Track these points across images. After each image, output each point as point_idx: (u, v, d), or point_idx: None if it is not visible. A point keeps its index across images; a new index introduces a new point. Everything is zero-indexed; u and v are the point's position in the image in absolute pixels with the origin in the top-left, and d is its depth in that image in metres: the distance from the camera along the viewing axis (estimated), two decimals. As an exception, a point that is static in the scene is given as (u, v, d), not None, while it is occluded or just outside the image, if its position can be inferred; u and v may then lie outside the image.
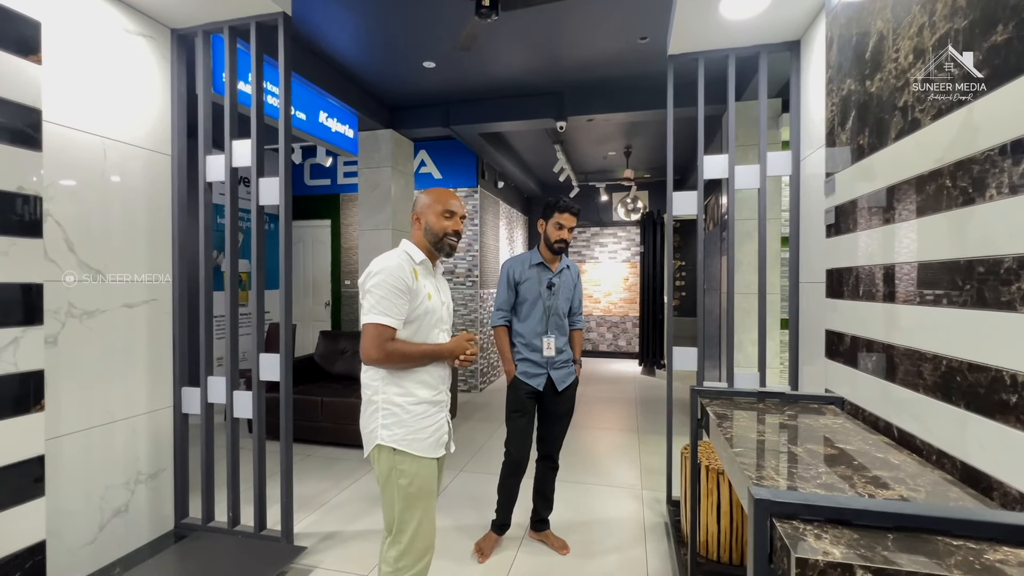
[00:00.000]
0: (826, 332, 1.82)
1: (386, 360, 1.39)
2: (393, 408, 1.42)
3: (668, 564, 2.18)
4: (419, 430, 1.44)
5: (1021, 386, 0.91)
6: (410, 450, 1.41)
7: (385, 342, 1.38)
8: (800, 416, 1.55)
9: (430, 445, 1.46)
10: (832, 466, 1.12)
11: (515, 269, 2.26)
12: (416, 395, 1.45)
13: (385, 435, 1.41)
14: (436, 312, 1.51)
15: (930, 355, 1.18)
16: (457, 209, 1.54)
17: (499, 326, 2.28)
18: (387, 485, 1.43)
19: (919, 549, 0.77)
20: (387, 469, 1.42)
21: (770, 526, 0.87)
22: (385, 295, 1.39)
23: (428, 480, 1.45)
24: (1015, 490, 0.92)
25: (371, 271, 1.43)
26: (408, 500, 1.41)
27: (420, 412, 1.45)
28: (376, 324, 1.38)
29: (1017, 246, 0.92)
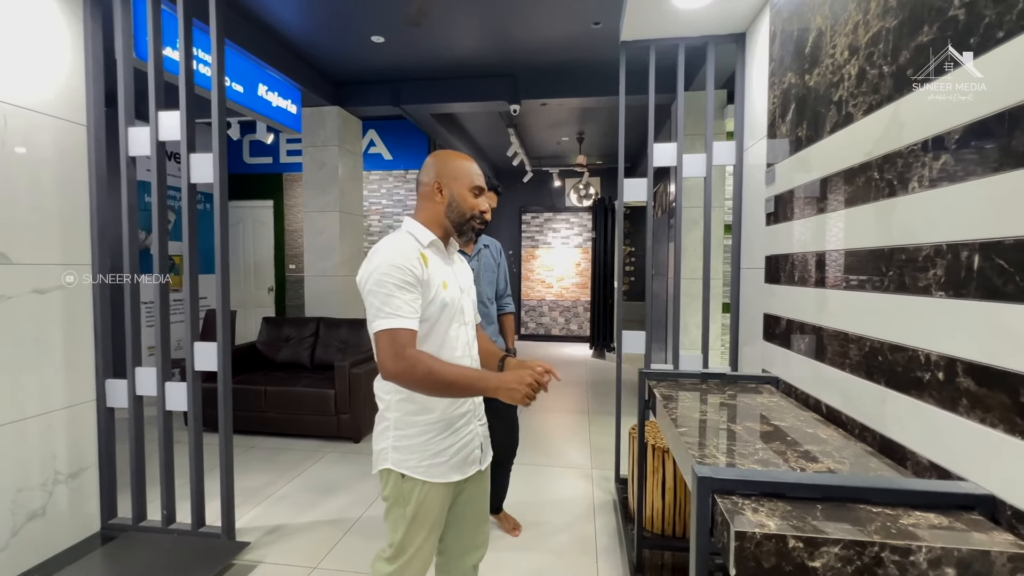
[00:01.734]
0: (764, 316, 1.91)
1: (409, 375, 1.10)
2: (408, 430, 1.22)
3: (616, 540, 2.26)
4: (438, 453, 1.23)
5: (934, 365, 0.98)
6: (424, 477, 1.21)
7: (404, 349, 1.10)
8: (739, 395, 1.63)
9: (450, 468, 1.24)
10: (768, 442, 1.18)
11: None
12: (435, 410, 1.22)
13: (396, 459, 1.22)
14: (455, 304, 1.25)
15: (855, 337, 1.26)
16: (485, 186, 1.31)
17: None
18: (392, 508, 1.25)
19: (843, 517, 0.83)
20: (393, 494, 1.24)
21: (711, 502, 0.90)
22: (391, 292, 1.12)
23: (438, 508, 1.25)
24: (925, 459, 1.01)
25: (370, 266, 1.17)
26: (412, 527, 1.23)
27: (439, 431, 1.23)
28: (388, 331, 1.11)
29: (934, 235, 0.99)
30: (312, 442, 3.49)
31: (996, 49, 0.85)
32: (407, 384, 1.12)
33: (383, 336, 1.11)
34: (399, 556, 1.25)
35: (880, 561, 0.76)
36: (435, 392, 1.14)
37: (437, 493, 1.24)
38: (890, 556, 0.76)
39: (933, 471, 0.98)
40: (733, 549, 0.79)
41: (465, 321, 1.30)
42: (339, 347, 4.00)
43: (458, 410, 1.26)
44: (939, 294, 0.97)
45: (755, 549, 0.78)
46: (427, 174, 1.27)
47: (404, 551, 1.25)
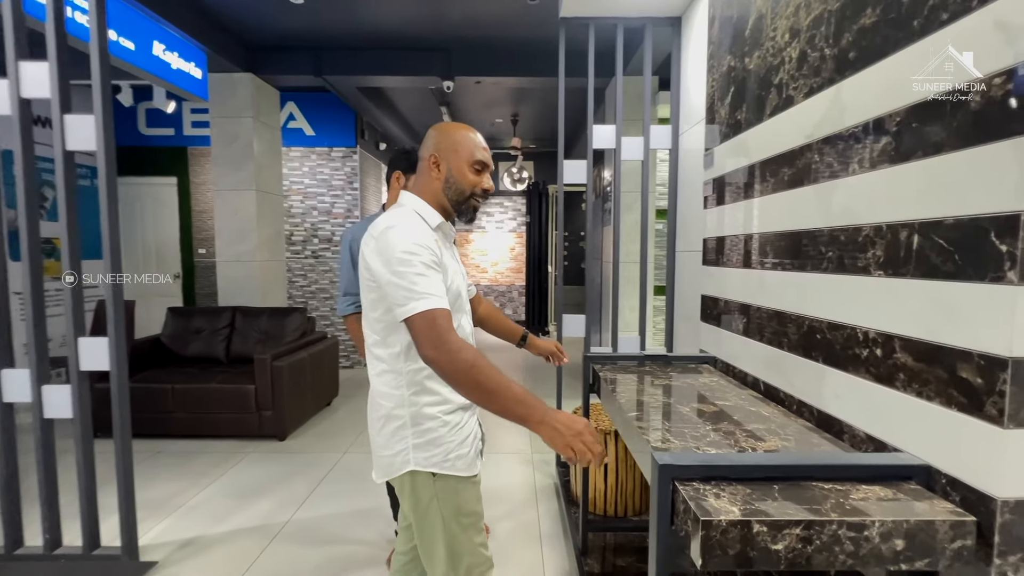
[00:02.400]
0: (702, 297, 1.96)
1: (451, 363, 0.98)
2: (428, 423, 1.11)
3: (559, 525, 2.26)
4: (460, 444, 1.13)
5: (872, 341, 1.02)
6: (454, 472, 1.12)
7: (447, 333, 0.99)
8: (681, 376, 1.65)
9: (472, 459, 1.16)
10: (716, 423, 1.18)
11: (359, 240, 1.75)
12: (452, 400, 1.13)
13: (421, 459, 1.11)
14: (462, 294, 1.20)
15: (794, 316, 1.30)
16: (489, 161, 1.19)
17: (349, 315, 1.88)
18: (427, 515, 1.13)
19: (800, 497, 0.83)
20: (427, 496, 1.12)
21: (672, 489, 0.87)
22: (421, 272, 1.01)
23: (473, 500, 1.17)
24: (862, 432, 1.05)
25: (388, 247, 1.03)
26: (458, 527, 1.14)
27: (457, 421, 1.14)
28: (424, 313, 0.99)
29: (874, 216, 1.02)
30: (230, 443, 3.20)
31: (940, 31, 0.87)
32: (446, 374, 1.00)
33: (419, 320, 0.99)
34: (457, 567, 1.13)
35: (837, 538, 0.76)
36: (472, 393, 1.00)
37: (473, 488, 1.16)
38: (846, 533, 0.76)
39: (869, 443, 1.03)
40: (700, 538, 0.76)
41: (468, 311, 1.24)
42: (259, 338, 3.68)
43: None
44: (878, 273, 1.00)
45: (720, 536, 0.76)
46: (425, 146, 1.17)
47: (460, 558, 1.13)
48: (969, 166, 0.81)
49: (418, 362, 1.08)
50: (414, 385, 1.10)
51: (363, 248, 1.10)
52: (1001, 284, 0.75)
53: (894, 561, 0.77)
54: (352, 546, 2.10)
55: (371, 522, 2.27)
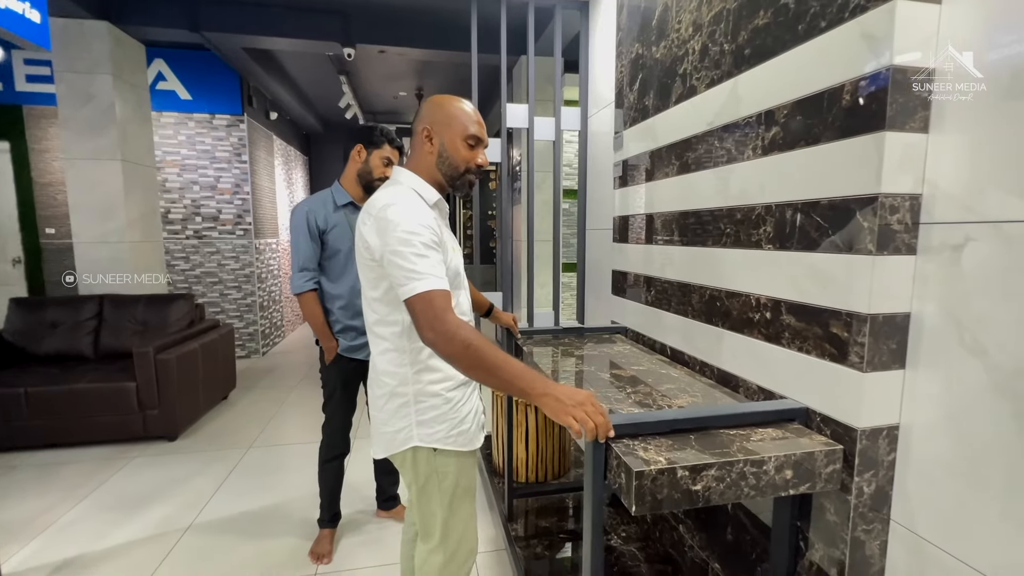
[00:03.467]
0: (612, 272, 2.09)
1: (448, 343, 0.98)
2: (431, 400, 1.14)
3: (484, 495, 2.33)
4: (462, 420, 1.17)
5: (763, 306, 1.18)
6: (456, 447, 1.16)
7: (444, 314, 1.00)
8: (596, 346, 1.77)
9: (474, 434, 1.21)
10: (634, 387, 1.30)
11: (316, 214, 1.77)
12: (454, 377, 1.16)
13: (424, 434, 1.14)
14: (460, 271, 1.19)
15: (698, 286, 1.45)
16: (483, 135, 1.17)
17: (306, 291, 1.78)
18: (426, 488, 1.18)
19: (712, 443, 0.95)
20: (427, 471, 1.17)
21: (606, 448, 0.95)
22: (421, 252, 1.02)
23: (474, 475, 1.24)
24: (755, 384, 1.21)
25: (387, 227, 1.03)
26: (455, 501, 1.19)
27: (459, 398, 1.17)
28: (422, 295, 1.00)
29: (764, 197, 1.16)
30: (108, 449, 2.83)
31: (819, 37, 1.01)
32: (444, 355, 1.01)
33: (418, 301, 1.01)
34: (448, 538, 1.20)
35: (743, 474, 0.89)
36: (471, 371, 1.01)
37: (471, 461, 1.22)
38: (750, 469, 0.89)
39: (760, 394, 1.19)
40: (634, 488, 0.84)
41: (466, 287, 1.26)
42: (136, 330, 3.26)
43: None
44: (768, 247, 1.16)
45: (651, 484, 0.85)
46: (419, 119, 1.16)
47: (452, 531, 1.20)
48: (841, 155, 0.96)
49: (420, 341, 1.08)
50: (417, 364, 1.13)
51: (360, 227, 1.11)
52: (862, 255, 0.91)
53: (784, 488, 0.92)
54: (268, 544, 1.99)
55: (287, 518, 2.17)
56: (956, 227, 0.85)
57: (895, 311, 0.92)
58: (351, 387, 1.88)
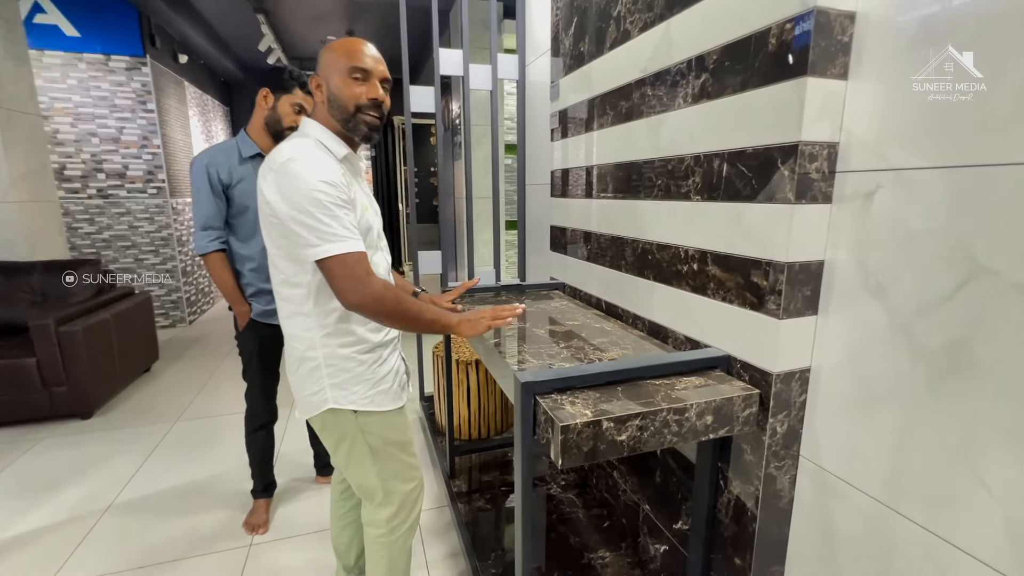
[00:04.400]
0: (551, 228, 2.06)
1: (379, 303, 1.01)
2: (342, 363, 1.12)
3: (428, 454, 2.33)
4: (379, 380, 1.16)
5: (691, 258, 1.19)
6: (376, 407, 1.16)
7: (368, 276, 1.00)
8: (534, 303, 1.75)
9: (395, 393, 1.21)
10: (567, 341, 1.29)
11: (218, 166, 1.59)
12: (368, 340, 1.14)
13: (339, 396, 1.13)
14: (375, 227, 1.16)
15: (630, 240, 1.44)
16: (373, 67, 1.07)
17: (211, 252, 1.62)
18: (353, 450, 1.17)
19: (638, 394, 0.96)
20: (350, 432, 1.16)
21: (534, 403, 0.94)
22: (332, 213, 0.98)
23: (401, 430, 1.23)
24: (682, 335, 1.24)
25: (290, 184, 0.97)
26: (385, 457, 1.20)
27: (375, 359, 1.15)
28: (340, 257, 0.98)
29: (694, 147, 1.15)
30: (11, 431, 2.58)
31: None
32: (375, 314, 1.03)
33: (336, 266, 0.98)
34: (391, 495, 1.22)
35: (666, 423, 0.91)
36: (401, 323, 1.06)
37: (398, 418, 1.22)
38: (672, 417, 0.91)
39: (687, 344, 1.22)
40: (560, 442, 0.84)
41: (382, 246, 1.20)
42: (33, 300, 2.93)
43: (386, 337, 1.19)
44: (696, 198, 1.15)
45: (576, 437, 0.85)
46: (316, 71, 1.10)
47: (392, 487, 1.22)
48: (765, 102, 0.95)
49: (329, 304, 1.07)
50: (325, 328, 1.10)
51: (260, 182, 1.03)
52: (782, 204, 0.92)
53: (705, 433, 0.95)
54: (198, 519, 1.90)
55: (219, 491, 2.08)
56: (868, 175, 0.87)
57: (810, 259, 0.94)
58: (269, 354, 1.77)
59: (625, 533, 1.59)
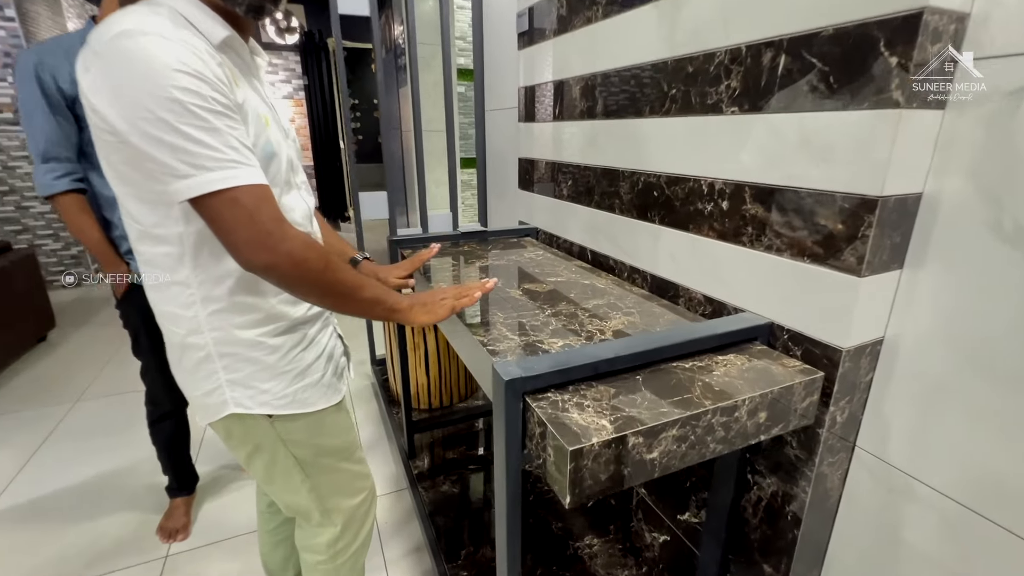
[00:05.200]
0: (519, 161, 1.71)
1: (303, 264, 0.67)
2: (244, 352, 0.78)
3: (382, 427, 2.05)
4: (305, 371, 0.84)
5: (718, 194, 0.89)
6: (302, 409, 0.84)
7: (281, 224, 0.66)
8: (503, 253, 1.44)
9: (328, 386, 0.88)
10: (553, 306, 1.00)
11: (56, 70, 1.13)
12: (283, 316, 0.80)
13: (243, 397, 0.79)
14: (284, 156, 0.78)
15: (628, 172, 1.13)
16: None
17: (60, 194, 1.18)
18: (274, 464, 0.87)
19: (667, 385, 0.68)
20: (267, 443, 0.84)
21: (524, 407, 0.65)
22: (207, 122, 0.61)
23: (341, 430, 0.93)
24: (699, 294, 0.97)
25: (136, 79, 0.58)
26: (322, 469, 0.90)
27: (294, 343, 0.82)
28: (236, 191, 0.63)
29: (730, 38, 0.83)
30: None
31: None
32: (291, 282, 0.68)
33: (223, 205, 0.62)
34: (331, 515, 0.94)
35: (711, 428, 0.65)
36: (329, 299, 0.73)
37: (337, 414, 0.91)
38: (719, 419, 0.65)
39: (707, 305, 0.96)
40: (569, 473, 0.56)
41: (298, 183, 0.84)
42: None
43: (309, 312, 0.85)
44: (732, 110, 0.84)
45: (592, 463, 0.57)
46: None
47: (332, 505, 0.94)
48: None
49: (217, 266, 0.72)
50: (212, 302, 0.74)
51: (80, 76, 0.62)
52: (884, 108, 0.63)
53: (756, 435, 0.70)
54: (100, 525, 1.56)
55: (129, 488, 1.73)
56: (1016, 61, 0.58)
57: (908, 191, 0.67)
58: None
59: (615, 515, 1.39)
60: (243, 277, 0.74)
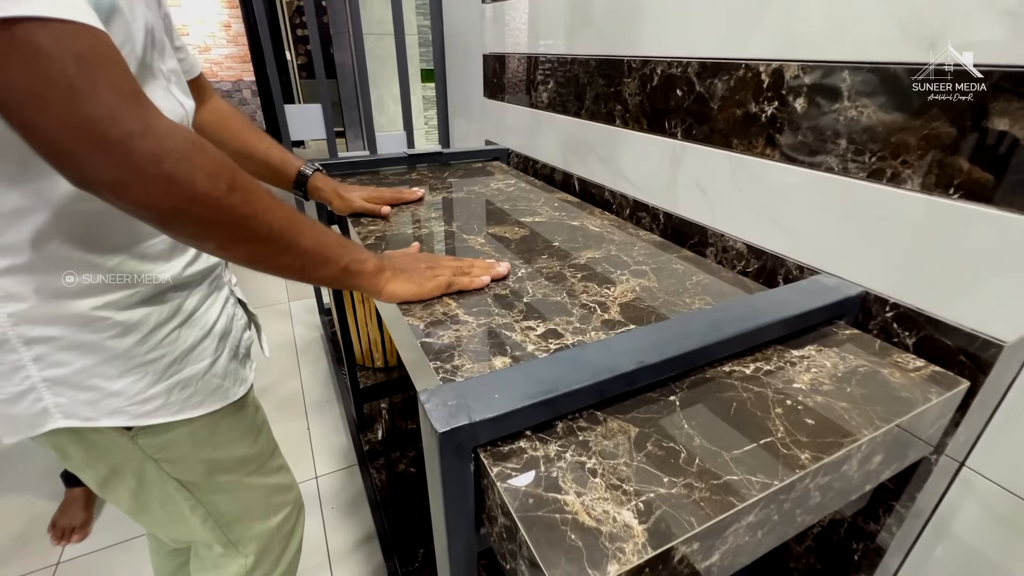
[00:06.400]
0: (486, 60, 1.32)
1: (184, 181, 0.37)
2: (72, 334, 0.48)
3: (330, 389, 1.77)
4: (180, 359, 0.54)
5: (788, 88, 0.57)
6: (180, 415, 0.55)
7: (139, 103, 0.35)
8: (465, 182, 1.09)
9: (221, 377, 0.59)
10: (530, 261, 0.69)
11: None
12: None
13: (76, 404, 0.50)
14: (133, 15, 0.43)
15: (637, 62, 0.78)
16: None
17: None
18: (142, 490, 0.59)
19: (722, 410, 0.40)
20: (127, 466, 0.57)
21: (476, 471, 0.36)
22: None
23: (247, 436, 0.65)
24: (741, 242, 0.67)
25: None
26: (220, 487, 0.63)
27: (166, 317, 0.53)
28: (47, 24, 0.31)
29: None
30: None
31: None
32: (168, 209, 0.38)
33: (23, 47, 0.31)
34: (242, 543, 0.69)
35: (805, 495, 0.37)
36: (239, 245, 0.43)
37: (227, 422, 0.61)
38: (820, 481, 0.37)
39: (751, 258, 0.66)
40: (562, 648, 0.28)
41: (166, 72, 0.52)
42: None
43: (196, 266, 0.55)
44: (831, -66, 0.50)
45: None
46: None
47: (239, 530, 0.68)
48: None
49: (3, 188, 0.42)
50: (11, 252, 0.44)
51: None
52: None
53: (859, 488, 0.43)
54: None
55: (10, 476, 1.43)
56: None
57: None
58: None
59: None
60: (63, 208, 0.44)
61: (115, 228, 0.47)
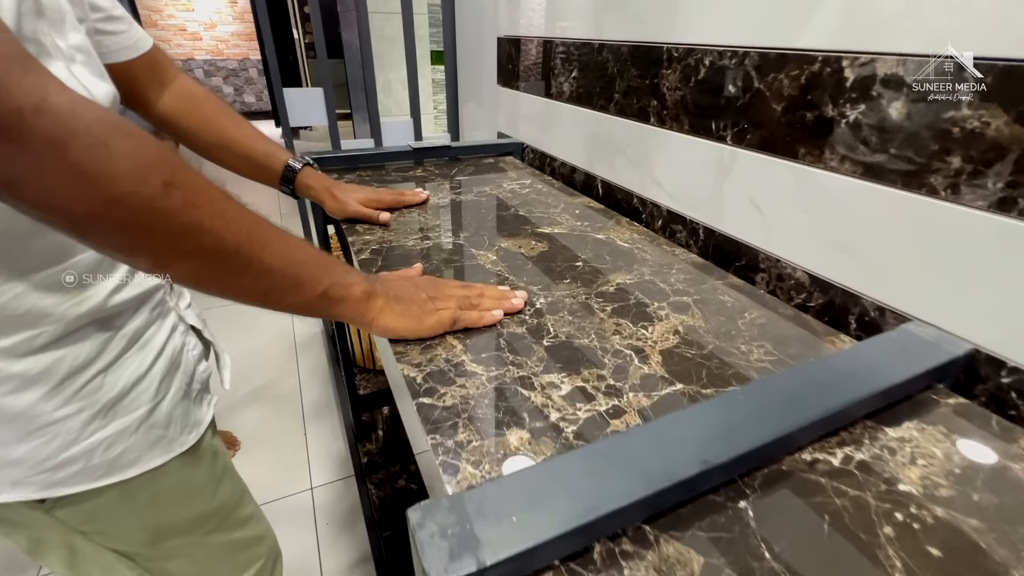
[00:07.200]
0: (498, 42, 1.20)
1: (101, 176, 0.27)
2: None
3: (328, 389, 1.70)
4: (107, 410, 0.43)
5: (882, 84, 0.45)
6: (107, 479, 0.44)
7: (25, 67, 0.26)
8: (474, 182, 0.98)
9: (165, 425, 0.48)
10: (553, 287, 0.58)
11: None
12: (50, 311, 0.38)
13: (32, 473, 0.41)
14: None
15: (681, 50, 0.67)
16: None
17: None
18: (77, 558, 0.48)
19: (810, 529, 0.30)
20: (52, 536, 0.46)
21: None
22: None
23: (203, 491, 0.55)
24: (801, 271, 0.56)
25: None
26: (171, 556, 0.53)
27: (85, 361, 0.42)
28: None
29: None
30: None
31: None
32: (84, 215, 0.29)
33: None
34: None
35: (937, 668, 0.27)
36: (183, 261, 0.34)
37: (175, 479, 0.51)
38: (952, 642, 0.27)
39: (814, 291, 0.55)
40: None
41: (66, 51, 0.38)
42: None
43: (119, 292, 0.44)
44: None
45: None
46: None
47: None
48: None
49: None
50: None
51: None
52: None
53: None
54: None
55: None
56: None
57: None
58: None
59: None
60: None
61: (6, 247, 0.37)
